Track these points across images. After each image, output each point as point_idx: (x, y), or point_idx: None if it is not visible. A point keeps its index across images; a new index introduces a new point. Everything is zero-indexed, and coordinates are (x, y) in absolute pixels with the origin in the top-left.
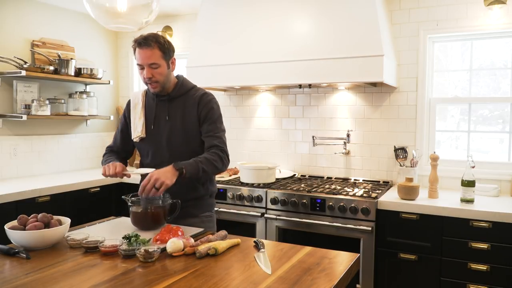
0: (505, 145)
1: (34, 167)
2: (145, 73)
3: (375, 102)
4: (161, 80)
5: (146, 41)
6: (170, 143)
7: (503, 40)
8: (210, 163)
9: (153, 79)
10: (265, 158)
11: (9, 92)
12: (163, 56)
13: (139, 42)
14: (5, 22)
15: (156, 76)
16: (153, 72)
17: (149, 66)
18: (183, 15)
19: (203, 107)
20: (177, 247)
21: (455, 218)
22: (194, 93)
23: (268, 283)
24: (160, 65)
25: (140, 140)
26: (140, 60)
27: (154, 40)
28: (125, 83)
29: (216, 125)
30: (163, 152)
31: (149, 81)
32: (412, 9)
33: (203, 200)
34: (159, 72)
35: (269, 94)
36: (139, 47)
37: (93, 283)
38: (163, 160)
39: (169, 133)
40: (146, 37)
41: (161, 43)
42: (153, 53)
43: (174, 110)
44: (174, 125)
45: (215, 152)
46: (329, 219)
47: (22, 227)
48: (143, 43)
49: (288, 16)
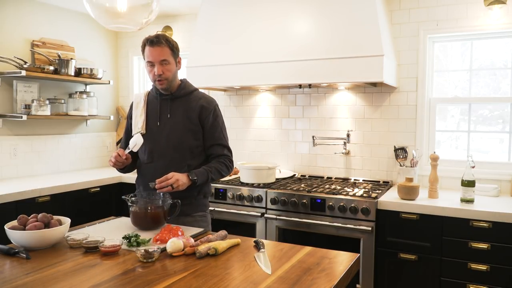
0: (505, 145)
1: (34, 167)
2: (156, 69)
3: (375, 102)
4: (170, 77)
5: (158, 39)
6: (170, 140)
7: (503, 40)
8: (218, 172)
9: (163, 75)
10: (265, 158)
11: (9, 92)
12: (172, 54)
13: (151, 40)
14: (5, 22)
15: (166, 72)
16: (163, 69)
17: (160, 62)
18: (183, 15)
19: (208, 114)
20: (177, 247)
21: (455, 218)
22: (196, 96)
23: (268, 283)
24: (170, 62)
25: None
26: (152, 58)
27: (164, 39)
28: (125, 83)
29: (223, 134)
30: (161, 149)
31: (159, 78)
32: (412, 9)
33: (196, 200)
34: (169, 69)
35: (269, 94)
36: (151, 46)
37: (93, 283)
38: (160, 157)
39: (169, 131)
40: (157, 36)
41: (171, 42)
42: (164, 51)
43: (176, 109)
44: (175, 123)
45: (223, 162)
46: (329, 219)
47: (22, 227)
48: (155, 41)
49: (288, 16)
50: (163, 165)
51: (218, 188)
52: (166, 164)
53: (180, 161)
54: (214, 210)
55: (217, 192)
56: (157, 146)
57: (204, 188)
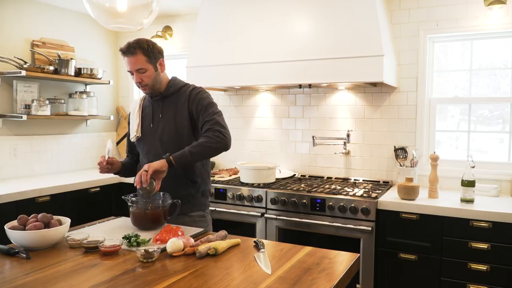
0: (505, 145)
1: (34, 167)
2: (135, 78)
3: (375, 102)
4: (150, 82)
5: (129, 49)
6: (163, 139)
7: (503, 40)
8: (201, 145)
9: (143, 82)
10: (265, 158)
11: (9, 92)
12: (148, 60)
13: (124, 51)
14: (5, 22)
15: (144, 79)
16: (141, 76)
17: (137, 71)
18: (183, 15)
19: (193, 101)
20: (177, 247)
21: (455, 218)
22: (185, 90)
23: (268, 283)
24: (147, 69)
25: (137, 140)
26: (128, 67)
27: (137, 46)
28: (125, 83)
29: (207, 112)
30: (157, 149)
31: (140, 85)
32: (412, 9)
33: (194, 199)
34: (147, 76)
35: (269, 94)
36: (124, 55)
37: (93, 283)
38: (155, 157)
39: (162, 130)
40: (129, 45)
41: (144, 48)
42: (138, 59)
43: (167, 108)
44: (167, 122)
45: (207, 135)
46: (329, 219)
47: (22, 227)
48: (126, 51)
49: (288, 16)
50: None
51: (218, 188)
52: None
53: None
54: (215, 210)
55: (217, 192)
56: (152, 147)
57: (202, 185)
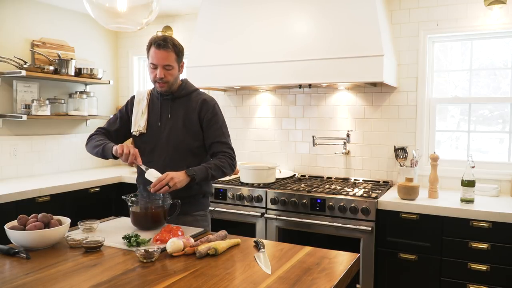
0: (505, 145)
1: (34, 167)
2: (158, 72)
3: (375, 102)
4: (171, 81)
5: (165, 43)
6: (170, 140)
7: (503, 40)
8: (219, 169)
9: (164, 79)
10: (265, 158)
11: (9, 92)
12: (176, 59)
13: (158, 43)
14: (5, 22)
15: (167, 76)
16: (165, 73)
17: (163, 67)
18: (183, 15)
19: (207, 112)
20: (177, 247)
21: (455, 218)
22: (196, 96)
23: (268, 283)
24: (174, 67)
25: (140, 135)
26: (156, 60)
27: (171, 43)
28: (125, 83)
29: (222, 131)
30: (161, 149)
31: (160, 81)
32: (412, 9)
33: (196, 200)
34: (171, 74)
35: (269, 94)
36: (157, 48)
37: (93, 283)
38: (161, 157)
39: (170, 131)
40: (165, 39)
41: (177, 46)
42: (169, 55)
43: (176, 109)
44: (176, 123)
45: (224, 159)
46: (329, 219)
47: (22, 227)
48: (162, 44)
49: (288, 16)
50: (163, 165)
51: (218, 188)
52: (166, 164)
53: (180, 160)
54: (214, 210)
55: (217, 192)
56: (157, 146)
57: (204, 187)
